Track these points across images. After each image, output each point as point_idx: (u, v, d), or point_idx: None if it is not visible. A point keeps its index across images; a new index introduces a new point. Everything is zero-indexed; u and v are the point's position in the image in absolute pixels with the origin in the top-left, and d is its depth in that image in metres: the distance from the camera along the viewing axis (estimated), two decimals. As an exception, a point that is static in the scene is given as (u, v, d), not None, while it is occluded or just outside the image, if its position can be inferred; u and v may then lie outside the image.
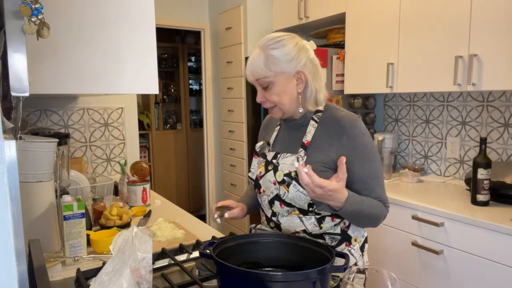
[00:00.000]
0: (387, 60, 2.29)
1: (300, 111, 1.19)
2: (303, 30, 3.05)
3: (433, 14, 2.03)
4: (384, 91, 2.33)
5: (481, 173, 1.78)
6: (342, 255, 0.93)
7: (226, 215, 1.30)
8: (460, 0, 1.90)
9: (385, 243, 2.06)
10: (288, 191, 1.13)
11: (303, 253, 0.95)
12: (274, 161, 1.19)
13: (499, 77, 1.78)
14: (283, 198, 1.15)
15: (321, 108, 1.20)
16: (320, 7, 2.70)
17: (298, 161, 1.14)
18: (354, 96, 2.70)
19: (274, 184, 1.17)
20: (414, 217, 1.89)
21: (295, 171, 1.11)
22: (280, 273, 0.79)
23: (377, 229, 2.09)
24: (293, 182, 1.11)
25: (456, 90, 1.96)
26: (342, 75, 2.65)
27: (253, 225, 1.35)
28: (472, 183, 1.83)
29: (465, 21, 1.89)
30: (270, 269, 0.98)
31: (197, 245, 1.34)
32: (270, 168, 1.19)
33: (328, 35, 2.81)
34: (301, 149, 1.16)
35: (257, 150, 1.30)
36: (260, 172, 1.22)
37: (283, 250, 0.98)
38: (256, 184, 1.25)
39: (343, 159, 0.98)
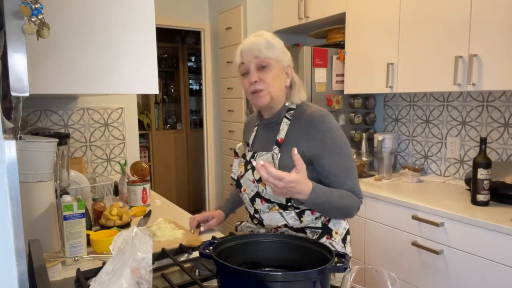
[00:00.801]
0: (387, 60, 2.29)
1: (286, 104, 1.24)
2: (303, 30, 3.05)
3: (433, 14, 2.03)
4: (384, 91, 2.33)
5: (481, 173, 1.78)
6: (342, 255, 0.93)
7: (202, 228, 1.48)
8: (460, 0, 1.90)
9: (385, 243, 2.06)
10: (265, 188, 1.17)
11: (303, 253, 0.95)
12: (252, 160, 1.24)
13: (499, 77, 1.78)
14: (263, 195, 1.19)
15: (293, 106, 1.24)
16: (320, 7, 2.70)
17: (273, 158, 1.18)
18: (354, 96, 2.70)
19: (253, 182, 1.21)
20: (414, 217, 1.89)
21: None
22: (280, 273, 0.79)
23: (377, 229, 2.09)
24: None
25: (456, 90, 1.96)
26: (342, 75, 2.65)
27: (238, 223, 1.40)
28: (472, 183, 1.83)
29: (465, 21, 1.89)
30: (270, 269, 0.98)
31: (197, 245, 1.34)
32: (249, 167, 1.24)
33: (328, 35, 2.81)
34: (275, 147, 1.20)
35: (237, 151, 1.35)
36: (241, 172, 1.27)
37: (283, 250, 0.98)
38: (237, 183, 1.29)
39: (295, 150, 1.00)
